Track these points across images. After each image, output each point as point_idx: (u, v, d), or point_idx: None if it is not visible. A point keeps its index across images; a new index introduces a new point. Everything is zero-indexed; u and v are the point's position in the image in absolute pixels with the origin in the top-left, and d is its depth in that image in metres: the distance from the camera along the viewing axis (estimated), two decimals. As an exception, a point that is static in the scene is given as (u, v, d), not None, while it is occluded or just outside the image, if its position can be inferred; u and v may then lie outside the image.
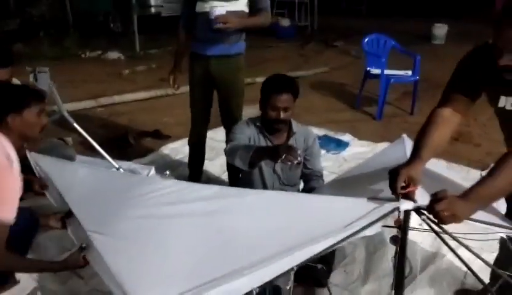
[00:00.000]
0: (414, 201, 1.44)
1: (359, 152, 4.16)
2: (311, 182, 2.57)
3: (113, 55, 8.24)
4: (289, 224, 1.51)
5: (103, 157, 3.27)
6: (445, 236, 1.42)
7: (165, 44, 8.35)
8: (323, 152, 4.10)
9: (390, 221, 1.49)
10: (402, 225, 1.44)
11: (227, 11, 2.76)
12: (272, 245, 1.39)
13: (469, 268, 1.47)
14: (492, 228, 1.60)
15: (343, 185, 2.32)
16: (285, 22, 10.58)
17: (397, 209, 1.41)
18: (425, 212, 1.42)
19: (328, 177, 3.58)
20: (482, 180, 1.42)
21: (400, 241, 1.45)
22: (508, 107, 1.67)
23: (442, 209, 1.34)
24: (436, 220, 1.38)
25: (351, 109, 5.52)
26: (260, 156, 2.16)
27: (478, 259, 2.65)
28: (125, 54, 8.31)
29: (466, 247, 1.46)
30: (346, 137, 4.44)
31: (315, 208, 1.60)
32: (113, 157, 3.36)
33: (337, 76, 7.01)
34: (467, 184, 2.61)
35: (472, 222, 1.48)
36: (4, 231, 1.68)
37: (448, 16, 10.55)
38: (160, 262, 1.40)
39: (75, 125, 3.23)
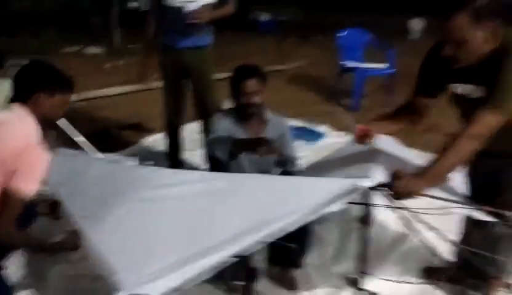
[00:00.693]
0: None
1: (335, 142, 4.28)
2: (286, 167, 2.70)
3: (93, 49, 8.25)
4: (260, 204, 1.62)
5: (85, 150, 3.35)
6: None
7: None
8: (300, 142, 4.24)
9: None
10: (365, 201, 1.59)
11: (201, 6, 2.90)
12: (242, 224, 1.50)
13: (432, 247, 1.62)
14: (450, 206, 1.75)
15: (319, 168, 2.45)
16: (264, 16, 10.69)
17: (360, 186, 1.55)
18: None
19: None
20: (435, 160, 1.58)
21: (363, 216, 1.59)
22: (460, 92, 1.84)
23: (400, 187, 1.49)
24: (395, 197, 1.53)
25: (328, 102, 5.65)
26: (239, 148, 2.31)
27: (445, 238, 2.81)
28: (105, 48, 8.32)
29: (426, 223, 1.60)
30: (322, 128, 4.58)
31: (285, 188, 1.72)
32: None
33: (315, 70, 7.15)
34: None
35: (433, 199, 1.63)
36: (21, 206, 1.74)
37: (426, 11, 10.76)
38: (144, 243, 1.52)
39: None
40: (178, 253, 1.42)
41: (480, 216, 1.84)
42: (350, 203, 1.58)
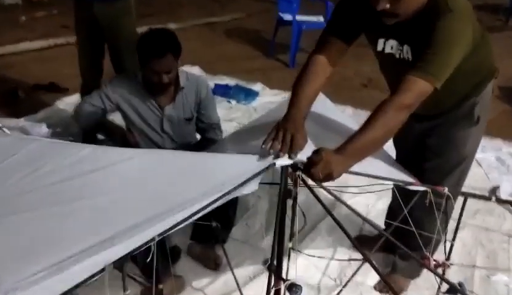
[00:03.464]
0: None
1: (269, 101, 4.09)
2: (207, 135, 2.45)
3: (10, -1, 7.44)
4: (167, 186, 1.39)
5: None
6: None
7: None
8: (233, 102, 4.00)
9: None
10: (281, 181, 1.37)
11: None
12: (145, 210, 1.27)
13: (364, 218, 1.44)
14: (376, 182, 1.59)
15: (239, 139, 2.23)
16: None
17: (273, 165, 1.33)
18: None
19: (237, 129, 3.51)
20: (357, 133, 1.36)
21: (278, 196, 1.38)
22: (387, 50, 1.62)
23: (318, 171, 1.27)
24: (313, 180, 1.32)
25: (265, 57, 5.41)
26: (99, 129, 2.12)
27: (375, 206, 2.71)
28: (23, -2, 7.53)
29: (344, 203, 1.42)
30: (257, 86, 4.35)
31: (197, 166, 1.48)
32: (2, 115, 3.04)
33: (253, 22, 6.82)
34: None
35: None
36: None
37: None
38: (19, 240, 1.24)
39: None
40: (63, 249, 1.16)
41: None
42: (263, 183, 1.36)
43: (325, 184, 1.34)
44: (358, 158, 1.35)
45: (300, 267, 1.55)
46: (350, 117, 3.85)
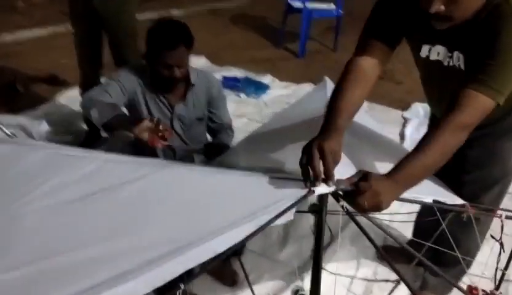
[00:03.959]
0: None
1: (280, 94, 3.92)
2: (219, 136, 2.28)
3: (6, -17, 7.19)
4: (188, 213, 1.23)
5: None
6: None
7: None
8: (243, 96, 3.82)
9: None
10: (319, 211, 1.20)
11: None
12: (161, 244, 1.10)
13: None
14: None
15: (257, 144, 2.05)
16: None
17: (312, 193, 1.15)
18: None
19: (248, 125, 3.34)
20: (410, 157, 1.18)
21: (317, 226, 1.21)
22: (433, 57, 1.44)
23: (364, 201, 1.09)
24: (360, 212, 1.14)
25: (273, 46, 5.20)
26: (119, 124, 1.84)
27: (399, 214, 2.55)
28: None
29: (386, 232, 1.25)
30: (266, 78, 4.16)
31: (221, 190, 1.31)
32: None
33: (260, 9, 6.57)
34: (386, 129, 2.39)
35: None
36: None
37: None
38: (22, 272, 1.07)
39: None
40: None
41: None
42: (299, 211, 1.19)
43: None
44: (410, 186, 1.18)
45: (324, 281, 1.37)
46: (366, 112, 3.72)
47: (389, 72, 4.37)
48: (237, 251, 2.00)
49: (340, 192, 1.16)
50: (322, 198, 1.19)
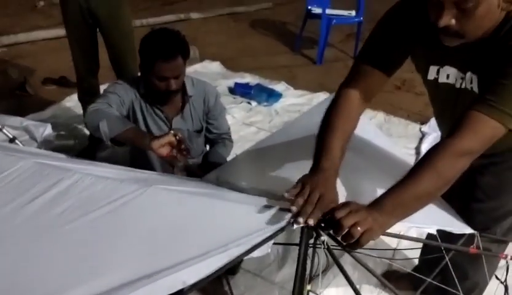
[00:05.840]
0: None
1: (293, 103, 3.80)
2: (216, 147, 2.18)
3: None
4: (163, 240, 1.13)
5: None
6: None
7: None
8: (254, 104, 3.72)
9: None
10: (300, 243, 1.09)
11: None
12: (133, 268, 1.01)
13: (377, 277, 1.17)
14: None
15: (256, 159, 1.93)
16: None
17: (291, 226, 1.04)
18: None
19: (256, 134, 3.24)
20: (401, 184, 1.04)
21: (298, 258, 1.09)
22: (442, 80, 1.30)
23: (352, 233, 0.97)
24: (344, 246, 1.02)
25: (291, 52, 5.08)
26: (132, 138, 1.73)
27: (408, 234, 2.41)
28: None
29: (374, 273, 1.13)
30: (280, 86, 4.03)
31: (197, 217, 1.21)
32: (8, 111, 2.83)
33: (280, 14, 6.47)
34: (402, 144, 2.20)
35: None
36: None
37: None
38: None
39: None
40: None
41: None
42: (277, 243, 1.09)
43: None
44: (401, 216, 1.05)
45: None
46: (382, 125, 3.57)
47: (409, 82, 4.20)
48: (230, 269, 1.91)
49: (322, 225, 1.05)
50: (303, 231, 1.08)
